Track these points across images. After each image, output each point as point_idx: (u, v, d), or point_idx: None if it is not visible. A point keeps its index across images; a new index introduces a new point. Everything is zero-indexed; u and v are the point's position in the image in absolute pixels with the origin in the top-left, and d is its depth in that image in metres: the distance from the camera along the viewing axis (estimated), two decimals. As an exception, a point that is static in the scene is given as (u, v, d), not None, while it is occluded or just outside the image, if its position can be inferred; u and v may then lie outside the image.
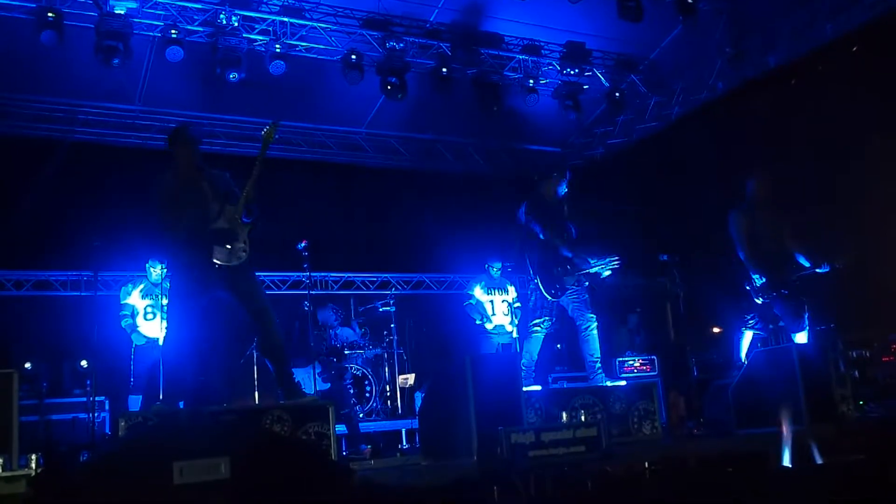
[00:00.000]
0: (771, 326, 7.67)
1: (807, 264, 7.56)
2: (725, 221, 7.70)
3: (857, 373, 8.87)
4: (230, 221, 5.73)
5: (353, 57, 9.52)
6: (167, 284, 8.21)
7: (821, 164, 9.85)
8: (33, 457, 4.85)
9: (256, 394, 8.93)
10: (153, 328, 8.35)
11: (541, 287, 7.23)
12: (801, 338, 7.33)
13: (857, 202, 9.61)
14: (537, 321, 7.30)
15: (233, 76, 9.02)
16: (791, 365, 6.45)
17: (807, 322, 7.42)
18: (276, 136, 6.09)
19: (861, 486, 4.35)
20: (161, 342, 7.82)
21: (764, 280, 7.44)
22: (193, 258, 5.64)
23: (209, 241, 5.63)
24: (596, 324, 7.28)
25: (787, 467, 4.76)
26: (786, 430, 5.32)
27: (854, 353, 9.02)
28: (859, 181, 9.59)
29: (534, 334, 7.32)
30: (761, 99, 10.67)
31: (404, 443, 9.44)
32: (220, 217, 5.73)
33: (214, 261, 5.64)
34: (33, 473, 4.61)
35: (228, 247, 5.67)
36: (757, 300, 7.56)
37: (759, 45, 10.26)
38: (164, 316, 8.10)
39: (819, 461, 4.85)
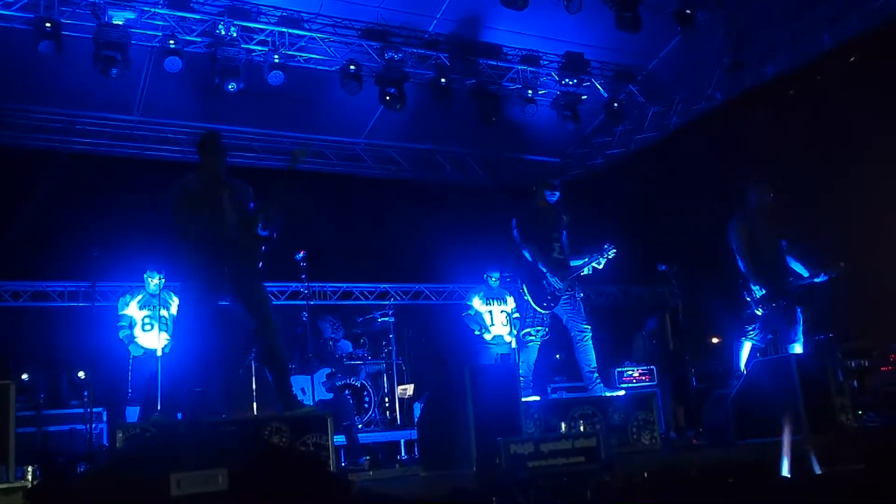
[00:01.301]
0: (770, 336, 7.66)
1: (805, 273, 7.56)
2: (725, 231, 7.70)
3: (856, 382, 8.86)
4: (247, 239, 5.72)
5: (352, 67, 9.54)
6: (166, 295, 8.25)
7: (819, 172, 9.86)
8: (30, 468, 4.83)
9: (255, 404, 8.90)
10: (151, 339, 8.31)
11: (531, 301, 7.26)
12: (799, 348, 7.32)
13: (855, 211, 9.62)
14: (530, 330, 7.30)
15: (231, 86, 9.03)
16: (790, 375, 6.44)
17: (801, 333, 7.41)
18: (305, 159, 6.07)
19: (861, 495, 4.34)
20: (159, 353, 7.81)
21: (764, 291, 7.43)
22: (203, 262, 5.63)
23: (222, 252, 5.62)
24: (591, 334, 7.28)
25: (787, 477, 4.74)
26: (786, 439, 5.30)
27: (853, 363, 9.02)
28: (858, 190, 9.60)
29: (529, 343, 7.32)
30: (759, 108, 10.69)
31: (403, 453, 9.41)
32: (238, 231, 5.72)
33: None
34: (30, 485, 4.59)
35: (234, 266, 5.67)
36: (757, 311, 7.54)
37: (757, 55, 10.29)
38: (162, 327, 8.11)
39: (818, 471, 4.83)
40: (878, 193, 9.44)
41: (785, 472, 4.79)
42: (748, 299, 7.58)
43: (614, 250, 7.36)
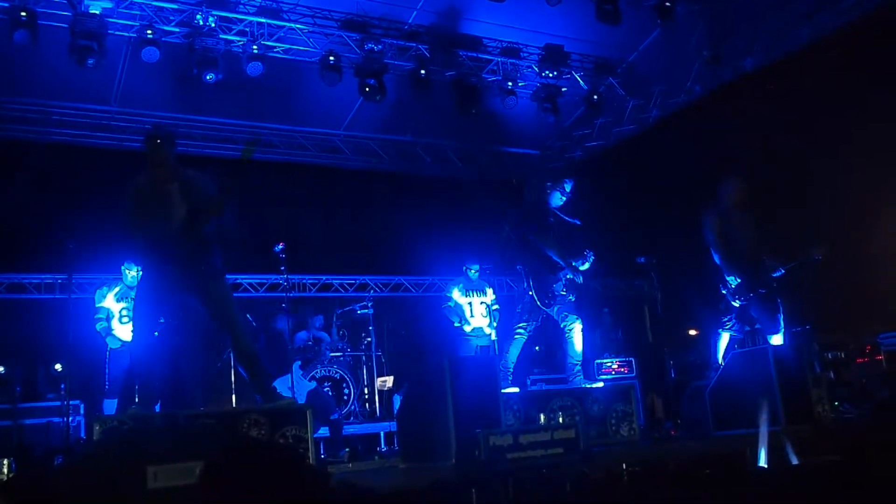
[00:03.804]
0: (747, 328, 7.71)
1: (784, 263, 7.60)
2: (701, 223, 7.73)
3: (832, 374, 8.95)
4: (194, 239, 5.63)
5: (331, 58, 9.48)
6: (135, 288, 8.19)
7: (797, 166, 9.93)
8: (5, 462, 4.80)
9: (234, 397, 8.88)
10: (128, 331, 8.24)
11: (535, 297, 7.21)
12: (777, 339, 7.37)
13: (833, 204, 9.69)
14: (522, 324, 7.29)
15: (209, 77, 8.95)
16: (767, 366, 6.48)
17: (781, 323, 7.46)
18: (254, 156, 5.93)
19: (837, 486, 4.38)
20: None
21: (740, 281, 7.47)
22: (158, 262, 5.58)
23: (167, 255, 5.57)
24: (580, 326, 7.26)
25: (764, 468, 4.78)
26: (763, 430, 5.35)
27: (829, 355, 9.11)
28: (836, 183, 9.68)
29: (517, 336, 7.31)
30: (739, 102, 10.74)
31: (383, 445, 9.41)
32: (184, 231, 5.64)
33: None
34: (6, 479, 4.55)
35: (179, 269, 5.60)
36: (734, 303, 7.58)
37: (736, 49, 10.33)
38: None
39: (795, 462, 4.88)
40: (856, 187, 9.52)
41: (762, 462, 4.82)
42: (724, 291, 7.63)
43: (593, 256, 7.30)
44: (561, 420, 6.15)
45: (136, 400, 5.72)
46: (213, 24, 8.91)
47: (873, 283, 9.42)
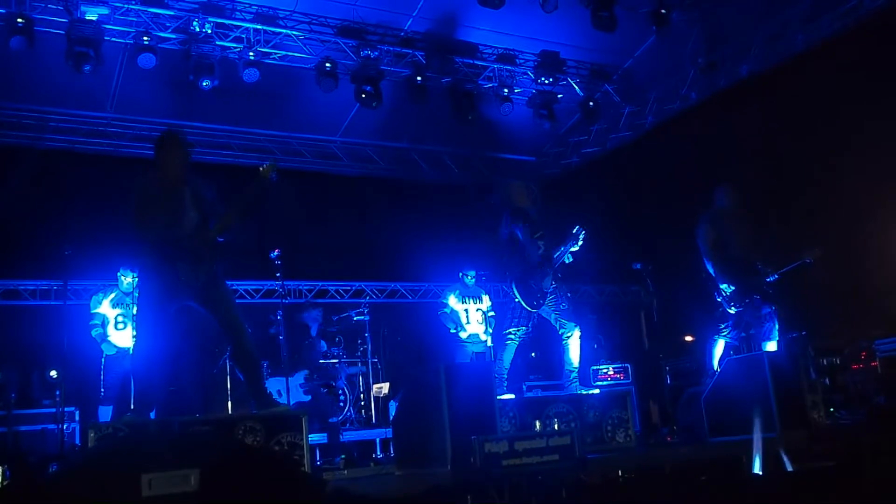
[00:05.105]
0: (743, 334, 7.72)
1: (779, 268, 7.62)
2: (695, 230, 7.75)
3: (827, 380, 8.95)
4: (203, 241, 5.66)
5: (328, 65, 9.50)
6: (137, 293, 8.17)
7: (791, 172, 9.94)
8: (0, 469, 4.78)
9: (230, 403, 8.87)
10: (124, 338, 8.26)
11: (522, 301, 7.21)
12: (772, 346, 7.38)
13: (828, 210, 9.70)
14: (512, 330, 7.28)
15: (206, 84, 8.97)
16: (762, 373, 6.48)
17: (776, 330, 7.47)
18: (273, 176, 5.92)
19: (832, 492, 4.38)
20: (132, 351, 7.73)
21: (734, 288, 7.48)
22: (162, 265, 5.56)
23: (178, 253, 5.56)
24: (576, 333, 7.25)
25: (759, 474, 4.79)
26: (758, 436, 5.35)
27: (825, 361, 9.10)
28: (831, 189, 9.68)
29: (508, 342, 7.31)
30: (734, 108, 10.76)
31: (378, 452, 9.39)
32: (195, 232, 5.65)
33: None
34: (0, 486, 4.54)
35: (189, 268, 5.59)
36: (730, 310, 7.59)
37: (731, 55, 10.36)
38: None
39: (790, 468, 4.88)
40: (851, 193, 9.53)
41: (757, 469, 4.83)
42: (719, 299, 7.64)
43: (584, 231, 7.32)
44: (557, 427, 6.15)
45: (132, 406, 5.70)
46: (209, 31, 8.92)
47: (869, 289, 9.43)
